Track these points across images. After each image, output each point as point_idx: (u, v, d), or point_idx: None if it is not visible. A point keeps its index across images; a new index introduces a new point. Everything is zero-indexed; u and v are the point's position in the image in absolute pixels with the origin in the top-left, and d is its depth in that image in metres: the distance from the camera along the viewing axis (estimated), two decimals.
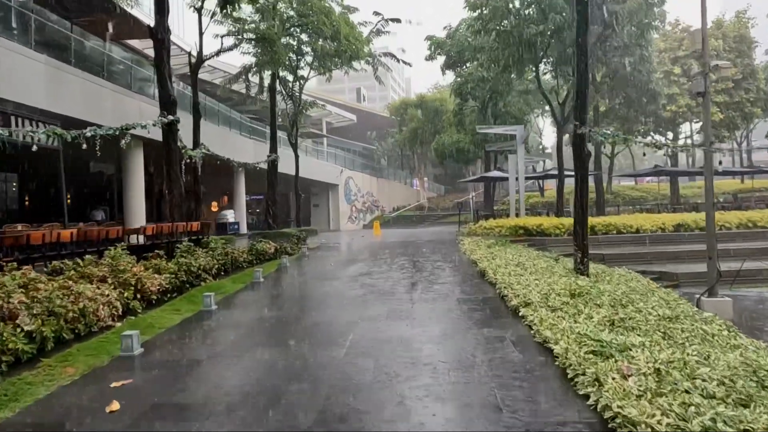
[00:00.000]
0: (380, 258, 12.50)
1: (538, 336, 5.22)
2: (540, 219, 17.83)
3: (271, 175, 19.69)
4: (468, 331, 5.77)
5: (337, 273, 10.41)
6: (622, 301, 6.68)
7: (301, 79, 24.81)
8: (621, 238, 16.12)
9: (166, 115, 10.93)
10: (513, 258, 10.69)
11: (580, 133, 8.59)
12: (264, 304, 7.80)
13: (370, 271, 10.38)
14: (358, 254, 13.64)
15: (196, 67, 15.97)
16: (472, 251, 12.35)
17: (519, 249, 13.08)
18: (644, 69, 21.90)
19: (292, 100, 24.74)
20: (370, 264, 11.41)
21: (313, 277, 10.14)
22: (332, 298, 7.82)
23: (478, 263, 10.23)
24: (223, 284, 8.96)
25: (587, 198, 8.93)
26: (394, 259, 11.97)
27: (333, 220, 35.48)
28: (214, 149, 18.31)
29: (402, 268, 10.55)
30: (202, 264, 8.71)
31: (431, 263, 11.19)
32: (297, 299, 8.10)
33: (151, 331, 6.11)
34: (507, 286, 7.45)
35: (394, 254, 13.21)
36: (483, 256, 11.19)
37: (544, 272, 8.87)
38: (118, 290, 6.53)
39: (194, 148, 15.34)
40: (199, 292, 8.18)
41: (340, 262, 12.00)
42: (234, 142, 23.59)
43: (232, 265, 10.09)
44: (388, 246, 15.81)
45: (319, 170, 33.15)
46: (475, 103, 26.87)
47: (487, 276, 8.80)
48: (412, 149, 46.15)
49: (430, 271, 10.03)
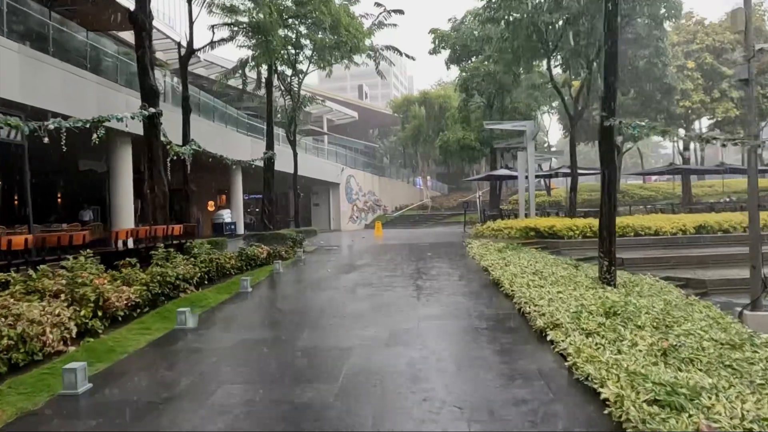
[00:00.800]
0: (382, 263, 11.51)
1: (576, 371, 4.22)
2: (552, 220, 16.81)
3: (267, 173, 18.72)
4: (488, 361, 4.77)
5: (334, 282, 9.42)
6: (665, 321, 5.69)
7: (300, 74, 23.83)
8: (639, 241, 15.09)
9: (147, 107, 9.95)
10: (528, 264, 9.68)
11: (608, 126, 7.58)
12: (248, 321, 6.82)
13: (371, 279, 9.40)
14: (358, 258, 12.65)
15: (186, 58, 15.00)
16: (482, 256, 11.34)
17: (532, 253, 12.07)
18: (659, 62, 20.86)
19: (290, 96, 23.76)
20: (371, 271, 10.43)
21: (307, 286, 9.16)
22: (327, 315, 6.83)
23: (490, 271, 9.22)
24: (205, 296, 7.99)
25: (615, 198, 7.92)
26: (397, 265, 10.98)
27: (334, 220, 34.50)
28: (208, 146, 17.37)
29: (406, 277, 9.56)
30: (180, 273, 7.72)
31: (438, 270, 10.20)
32: (286, 315, 7.11)
33: (109, 357, 5.14)
34: (528, 301, 6.45)
35: (396, 259, 12.23)
36: (495, 262, 10.19)
37: (567, 282, 7.87)
38: (74, 307, 5.56)
39: (184, 144, 14.41)
40: (177, 305, 7.21)
41: (339, 268, 11.01)
42: (230, 139, 22.63)
43: (217, 272, 9.12)
44: (390, 249, 14.83)
45: (320, 168, 32.16)
46: (481, 99, 25.85)
47: (503, 286, 7.79)
48: (414, 147, 45.14)
49: (437, 280, 9.04)
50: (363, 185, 37.65)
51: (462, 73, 25.14)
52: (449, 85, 45.14)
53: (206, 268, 8.69)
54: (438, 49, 27.14)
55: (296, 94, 23.77)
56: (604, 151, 7.72)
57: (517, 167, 18.57)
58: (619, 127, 7.44)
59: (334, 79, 63.16)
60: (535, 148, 31.21)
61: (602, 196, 7.96)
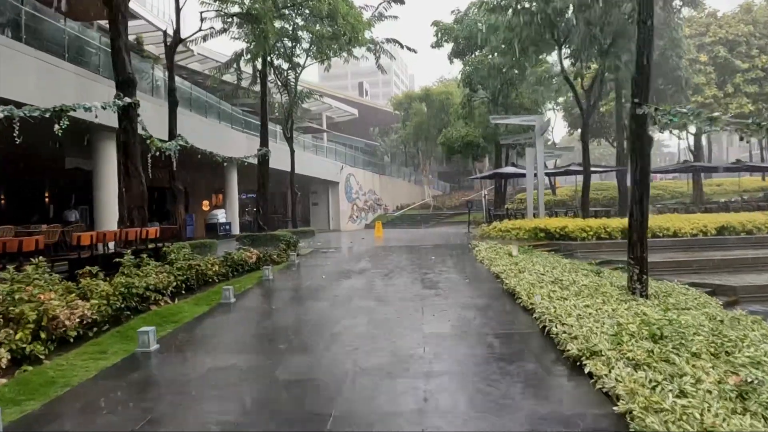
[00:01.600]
0: (382, 269, 10.53)
1: (633, 422, 3.23)
2: (562, 220, 15.81)
3: (261, 171, 17.76)
4: (514, 402, 3.79)
5: (327, 291, 8.45)
6: (723, 346, 4.71)
7: (297, 67, 22.86)
8: (658, 243, 14.08)
9: (122, 97, 8.98)
10: (545, 271, 8.70)
11: (641, 114, 6.60)
12: (225, 341, 5.84)
13: (369, 288, 8.42)
14: (356, 263, 11.67)
15: (173, 47, 14.02)
16: (492, 260, 10.36)
17: (546, 257, 11.09)
18: (673, 54, 19.85)
19: (286, 90, 22.79)
20: (370, 278, 9.44)
21: (297, 297, 8.18)
22: (317, 334, 5.85)
23: (503, 279, 8.24)
24: (180, 308, 7.01)
25: (648, 197, 6.93)
26: (399, 271, 10.00)
27: (333, 219, 33.54)
28: (200, 143, 16.46)
29: (408, 285, 8.58)
30: (151, 282, 6.75)
31: (444, 277, 9.21)
32: (270, 334, 6.13)
33: (44, 392, 4.17)
34: (553, 319, 5.46)
35: (397, 263, 11.24)
36: (506, 267, 9.21)
37: (592, 293, 6.89)
38: (7, 330, 4.60)
39: (170, 139, 13.46)
40: (144, 321, 6.25)
41: (334, 275, 10.03)
42: (224, 135, 21.67)
43: (197, 280, 8.14)
44: (391, 251, 13.85)
45: (318, 167, 31.20)
46: (485, 94, 24.83)
47: (519, 298, 6.81)
48: (416, 145, 44.15)
49: (443, 290, 8.06)
50: (363, 184, 36.68)
51: (465, 66, 24.13)
52: (451, 82, 44.15)
53: (184, 276, 7.71)
54: (440, 42, 26.14)
55: (293, 89, 22.81)
56: (635, 142, 6.74)
57: (525, 164, 17.57)
58: (654, 116, 6.45)
59: (334, 78, 61.84)
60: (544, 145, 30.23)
61: (632, 196, 6.98)
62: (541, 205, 16.91)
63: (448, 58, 26.90)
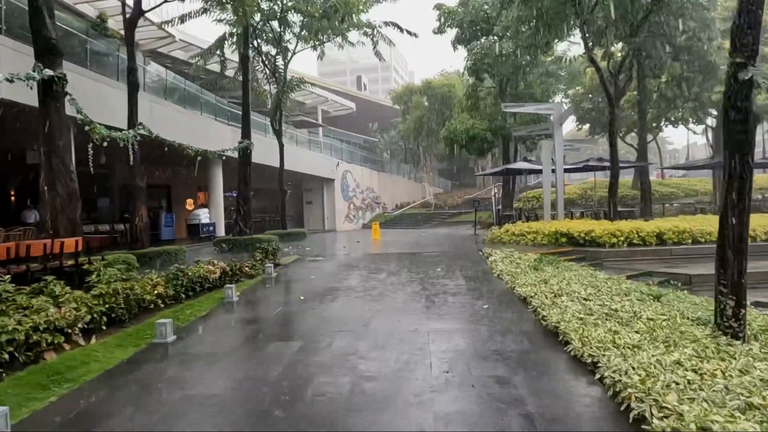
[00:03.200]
0: (376, 287, 8.48)
1: None
2: (587, 223, 13.76)
3: (242, 166, 15.69)
4: None
5: (303, 323, 6.40)
6: None
7: (286, 53, 20.79)
8: (701, 251, 12.03)
9: (41, 69, 6.93)
10: (587, 294, 6.67)
11: (746, 81, 4.56)
12: (137, 419, 3.79)
13: (358, 320, 6.35)
14: (346, 277, 9.61)
15: (132, 22, 11.94)
16: (513, 277, 8.33)
17: (577, 271, 9.04)
18: (704, 36, 17.78)
19: (275, 78, 20.73)
20: (360, 302, 7.39)
21: (259, 333, 6.08)
22: (278, 406, 3.81)
23: (536, 307, 6.19)
24: (89, 355, 4.97)
25: (750, 198, 4.90)
26: (397, 292, 7.94)
27: (328, 219, 31.50)
28: (177, 135, 14.49)
29: (410, 315, 6.53)
30: (42, 320, 4.72)
31: (457, 303, 7.15)
32: (211, 406, 4.07)
33: None
34: (643, 397, 3.42)
35: (396, 279, 9.20)
36: (535, 287, 7.18)
37: (670, 334, 4.85)
38: None
39: (130, 127, 11.44)
40: (20, 381, 4.23)
41: (316, 295, 7.99)
42: (207, 127, 19.63)
43: (129, 309, 6.09)
44: (388, 260, 11.81)
45: (312, 163, 29.15)
46: (492, 83, 22.80)
47: (570, 343, 4.76)
48: (416, 140, 42.06)
49: (457, 325, 6.02)
50: (361, 181, 34.62)
51: (471, 53, 22.03)
52: (453, 75, 42.08)
53: (105, 305, 5.67)
54: (443, 27, 24.06)
55: (282, 77, 20.74)
56: (735, 122, 4.70)
57: (541, 158, 15.51)
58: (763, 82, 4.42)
59: (334, 74, 59.69)
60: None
61: (727, 195, 4.94)
62: (560, 206, 14.86)
63: (451, 45, 24.81)
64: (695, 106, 26.31)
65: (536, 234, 13.49)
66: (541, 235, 13.27)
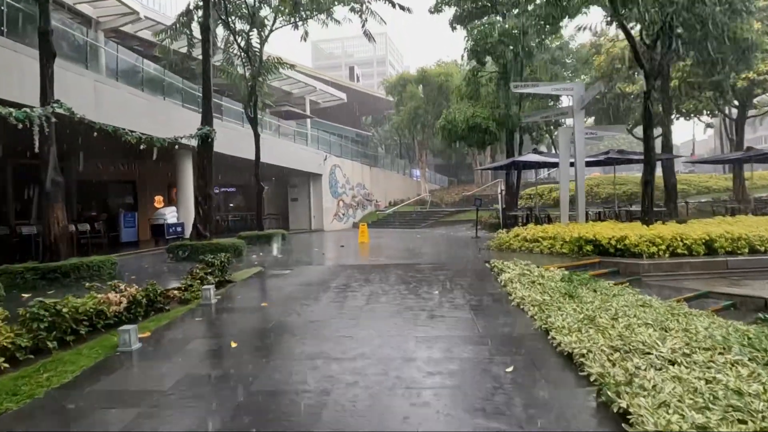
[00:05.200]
0: (348, 325, 6.01)
1: None
2: (617, 227, 11.32)
3: (202, 157, 13.16)
4: None
5: (224, 405, 3.93)
6: None
7: (263, 28, 18.26)
8: (762, 263, 9.67)
9: None
10: (671, 349, 4.23)
11: None
12: None
13: (312, 402, 3.90)
14: (309, 304, 7.10)
15: None
16: (540, 308, 5.88)
17: (625, 296, 6.60)
18: (743, 11, 15.33)
19: (248, 57, 18.18)
20: (320, 354, 4.91)
21: (148, 423, 3.68)
22: None
23: (596, 377, 3.74)
24: None
25: None
26: (375, 338, 5.47)
27: (315, 217, 29.01)
28: (133, 122, 12.15)
29: (393, 391, 4.07)
30: None
31: (463, 360, 4.69)
32: None
33: None
34: None
35: (377, 309, 6.73)
36: (579, 332, 4.75)
37: None
38: None
39: (43, 104, 8.99)
40: None
41: (256, 341, 5.51)
42: (171, 114, 17.11)
43: None
44: (371, 275, 9.34)
45: (297, 156, 26.62)
46: (496, 66, 20.34)
47: None
48: (411, 133, 39.57)
49: (472, 415, 3.55)
50: (351, 177, 32.13)
51: (472, 32, 19.53)
52: (450, 64, 39.57)
53: None
54: (440, 5, 21.56)
55: (256, 57, 18.19)
56: None
57: (558, 148, 13.05)
58: None
59: (328, 69, 56.85)
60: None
61: None
62: (581, 205, 12.41)
63: (449, 25, 22.31)
64: (714, 95, 23.99)
65: (554, 240, 11.07)
66: (560, 242, 10.85)
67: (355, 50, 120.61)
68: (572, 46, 29.16)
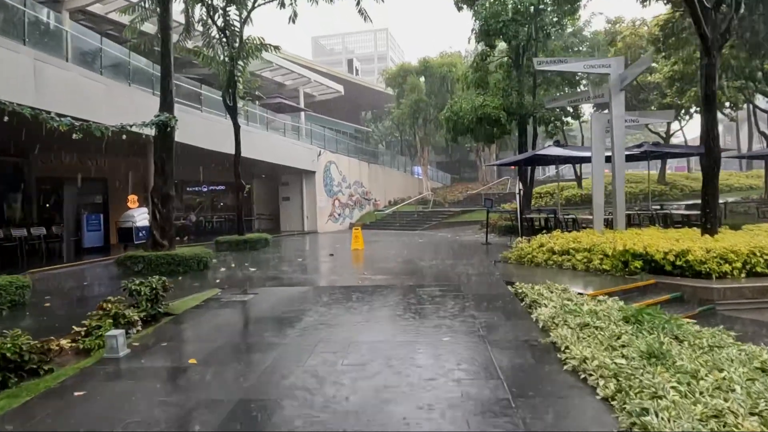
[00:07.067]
0: (315, 390, 3.80)
1: None
2: (673, 237, 9.04)
3: (160, 150, 10.91)
4: None
5: None
6: None
7: (243, 6, 16.00)
8: None
9: None
10: None
11: None
12: None
13: None
14: (263, 354, 4.87)
15: None
16: (614, 379, 3.66)
17: (731, 350, 4.35)
18: None
19: (225, 37, 15.92)
20: None
21: None
22: None
23: None
24: None
25: None
26: (360, 422, 3.26)
27: (308, 218, 26.77)
28: (88, 111, 10.07)
29: None
30: None
31: None
32: None
33: None
34: None
35: (364, 367, 4.50)
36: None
37: None
38: None
39: None
40: None
41: None
42: (138, 103, 14.84)
43: None
44: (358, 304, 7.11)
45: (288, 151, 24.37)
46: (507, 49, 18.08)
47: None
48: (413, 128, 37.26)
49: None
50: (348, 174, 29.88)
51: (479, 11, 17.25)
52: (454, 55, 37.28)
53: None
54: None
55: (235, 35, 15.93)
56: None
57: (591, 138, 10.75)
58: None
59: (329, 65, 54.61)
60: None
61: None
62: (620, 209, 10.09)
63: (455, 5, 20.01)
64: (741, 86, 21.66)
65: (590, 253, 8.80)
66: (599, 256, 8.59)
67: (356, 47, 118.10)
68: (586, 33, 26.93)
